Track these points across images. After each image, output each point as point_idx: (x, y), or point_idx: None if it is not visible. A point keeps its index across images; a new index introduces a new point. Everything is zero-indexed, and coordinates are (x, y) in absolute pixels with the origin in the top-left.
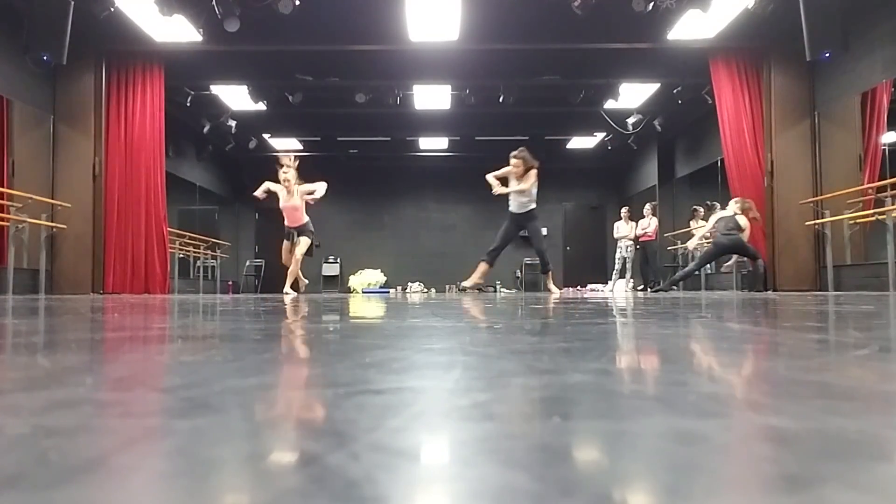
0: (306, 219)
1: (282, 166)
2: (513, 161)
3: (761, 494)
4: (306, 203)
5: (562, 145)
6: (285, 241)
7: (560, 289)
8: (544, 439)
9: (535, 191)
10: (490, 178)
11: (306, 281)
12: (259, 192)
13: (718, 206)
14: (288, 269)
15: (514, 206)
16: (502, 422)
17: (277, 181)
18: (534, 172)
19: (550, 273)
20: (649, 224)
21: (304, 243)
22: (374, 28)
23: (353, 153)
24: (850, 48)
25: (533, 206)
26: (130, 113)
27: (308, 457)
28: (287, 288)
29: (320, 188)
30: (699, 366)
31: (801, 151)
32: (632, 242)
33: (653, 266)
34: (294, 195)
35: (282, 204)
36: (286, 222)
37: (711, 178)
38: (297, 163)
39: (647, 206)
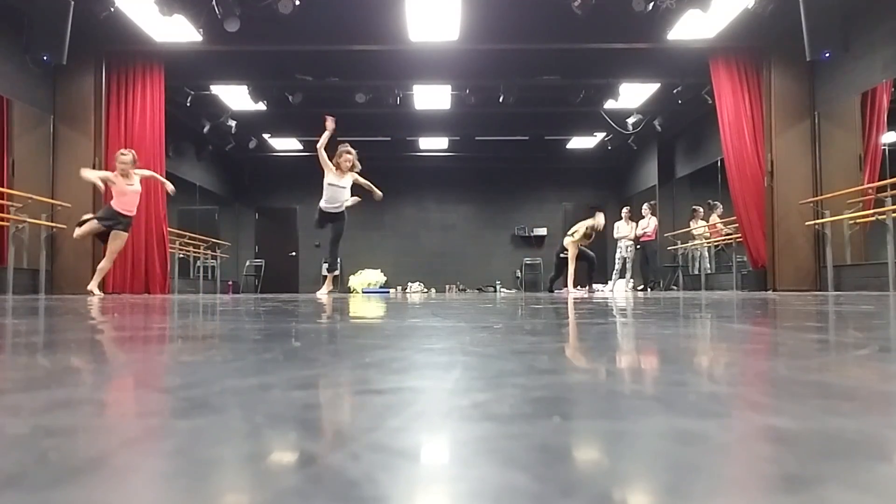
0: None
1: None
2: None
3: (761, 494)
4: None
5: (562, 145)
6: (97, 222)
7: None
8: (544, 439)
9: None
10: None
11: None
12: (94, 178)
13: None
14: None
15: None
16: (502, 422)
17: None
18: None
19: (331, 276)
20: (648, 224)
21: (123, 238)
22: (374, 28)
23: None
24: (850, 48)
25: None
26: (130, 113)
27: (308, 457)
28: (94, 285)
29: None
30: (699, 366)
31: (801, 151)
32: (632, 242)
33: (652, 266)
34: (135, 181)
35: (123, 188)
36: (119, 207)
37: (711, 178)
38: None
39: (645, 205)
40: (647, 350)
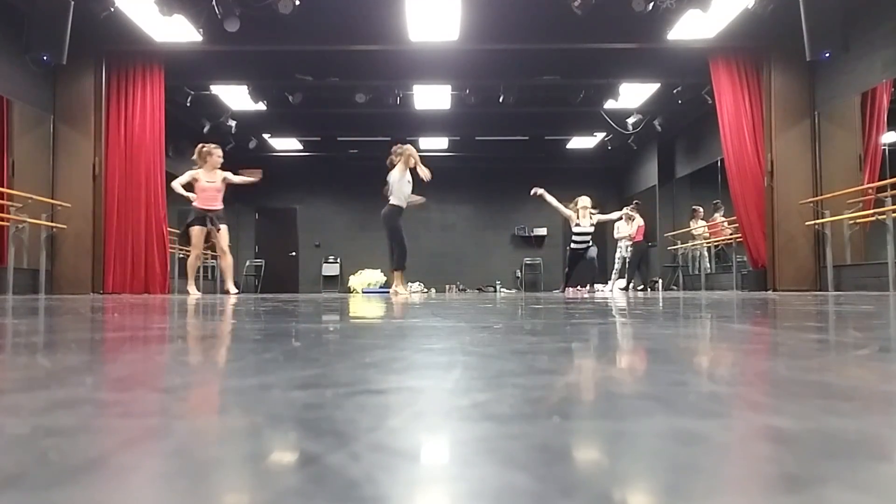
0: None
1: (210, 153)
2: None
3: (761, 494)
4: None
5: (562, 145)
6: (198, 227)
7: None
8: (544, 439)
9: (395, 184)
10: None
11: (236, 290)
12: (179, 188)
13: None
14: (191, 260)
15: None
16: (502, 422)
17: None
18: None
19: (401, 272)
20: (632, 225)
21: (226, 232)
22: (374, 28)
23: (353, 153)
24: (850, 48)
25: (393, 200)
26: (130, 113)
27: (308, 457)
28: (230, 285)
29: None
30: (699, 366)
31: (801, 151)
32: (632, 242)
33: (645, 266)
34: (217, 177)
35: (203, 185)
36: (201, 205)
37: (711, 178)
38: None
39: (632, 207)
40: (647, 350)
